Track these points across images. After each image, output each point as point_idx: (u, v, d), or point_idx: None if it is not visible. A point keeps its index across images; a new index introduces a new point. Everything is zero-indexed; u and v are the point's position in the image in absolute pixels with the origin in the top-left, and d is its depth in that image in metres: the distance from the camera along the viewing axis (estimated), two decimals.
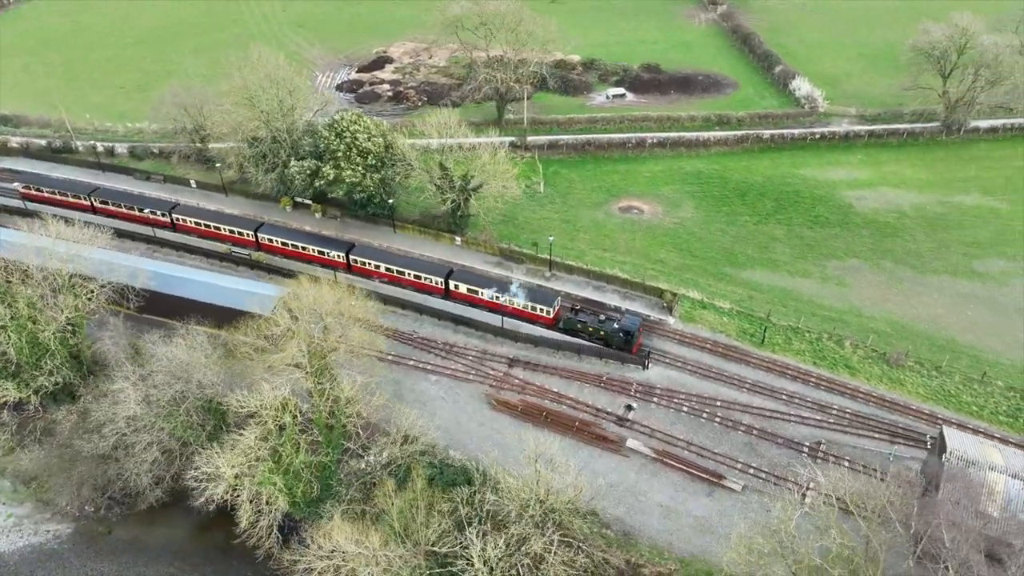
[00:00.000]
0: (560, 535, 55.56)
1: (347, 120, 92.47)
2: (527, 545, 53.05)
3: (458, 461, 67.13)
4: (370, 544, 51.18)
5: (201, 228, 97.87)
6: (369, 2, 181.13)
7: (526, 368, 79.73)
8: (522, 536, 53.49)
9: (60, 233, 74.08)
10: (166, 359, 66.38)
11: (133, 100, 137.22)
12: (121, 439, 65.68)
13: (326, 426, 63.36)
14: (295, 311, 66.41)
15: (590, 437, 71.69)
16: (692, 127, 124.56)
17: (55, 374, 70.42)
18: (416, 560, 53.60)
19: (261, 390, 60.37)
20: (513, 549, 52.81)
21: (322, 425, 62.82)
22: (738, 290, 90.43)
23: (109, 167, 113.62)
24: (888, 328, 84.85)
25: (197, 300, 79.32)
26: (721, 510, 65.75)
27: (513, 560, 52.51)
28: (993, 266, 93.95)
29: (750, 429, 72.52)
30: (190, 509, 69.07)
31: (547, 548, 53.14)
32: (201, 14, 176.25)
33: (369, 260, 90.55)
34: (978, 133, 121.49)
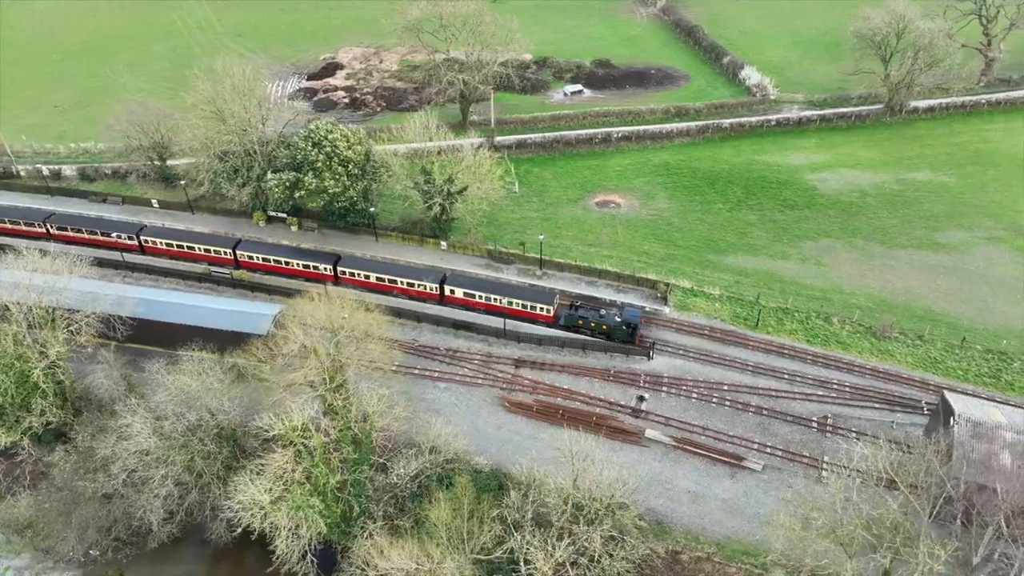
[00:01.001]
0: (606, 531, 55.86)
1: (324, 129, 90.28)
2: (584, 544, 53.10)
3: (486, 467, 66.57)
4: (430, 558, 50.25)
5: (173, 249, 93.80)
6: (305, 10, 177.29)
7: (533, 368, 79.78)
8: (577, 535, 53.51)
9: (36, 264, 69.50)
10: (174, 388, 63.36)
11: (72, 119, 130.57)
12: (130, 475, 62.35)
13: (354, 442, 61.80)
14: (306, 328, 64.39)
15: (609, 431, 72.31)
16: (653, 120, 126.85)
17: (46, 414, 66.18)
18: (469, 570, 52.97)
19: (287, 411, 58.34)
20: (576, 550, 52.75)
21: (348, 441, 61.22)
22: (724, 276, 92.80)
23: (58, 191, 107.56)
24: (869, 303, 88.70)
25: (189, 324, 76.10)
26: (746, 490, 67.47)
27: (570, 560, 52.51)
28: (953, 237, 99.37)
29: (760, 410, 74.64)
30: (204, 543, 66.93)
31: (604, 546, 53.36)
32: (129, 26, 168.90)
33: (358, 271, 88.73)
34: (917, 113, 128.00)
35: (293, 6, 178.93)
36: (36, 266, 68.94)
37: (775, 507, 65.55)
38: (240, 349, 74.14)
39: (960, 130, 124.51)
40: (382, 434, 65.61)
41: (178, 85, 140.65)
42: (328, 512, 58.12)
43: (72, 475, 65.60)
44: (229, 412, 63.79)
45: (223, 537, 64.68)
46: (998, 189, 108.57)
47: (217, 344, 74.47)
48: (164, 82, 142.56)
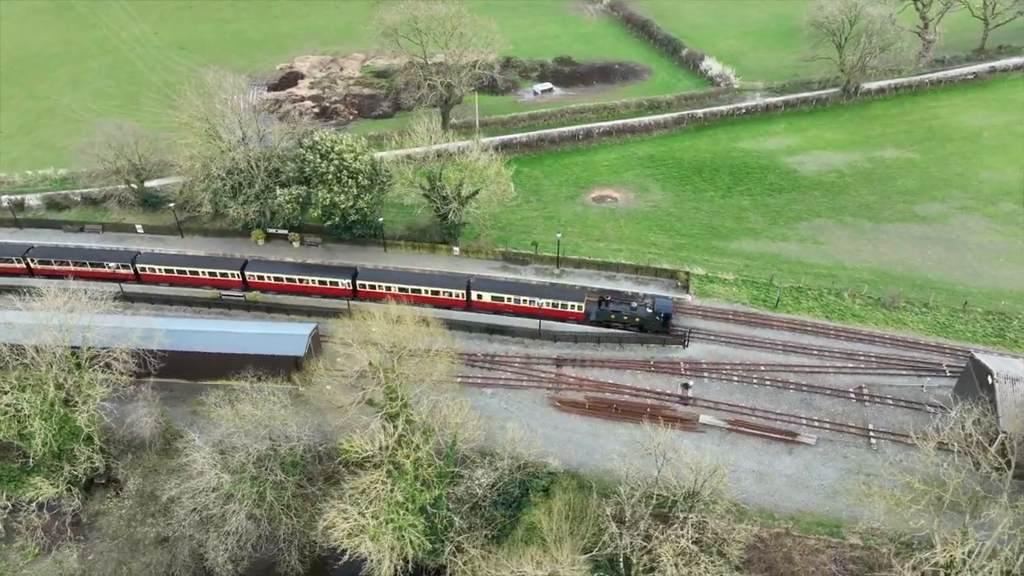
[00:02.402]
0: (700, 520, 56.86)
1: (330, 140, 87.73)
2: (699, 534, 53.91)
3: (559, 468, 66.40)
4: (556, 561, 49.89)
5: (174, 275, 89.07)
6: (249, 19, 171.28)
7: (575, 365, 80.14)
8: (688, 525, 54.29)
9: (59, 303, 64.55)
10: (238, 419, 60.31)
11: (20, 144, 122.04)
12: (200, 516, 59.02)
13: (441, 455, 60.46)
14: (366, 345, 62.55)
15: (664, 420, 73.31)
16: (628, 114, 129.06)
17: (91, 460, 61.75)
18: (582, 570, 52.91)
19: (371, 431, 56.58)
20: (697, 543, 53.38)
21: (430, 456, 59.86)
22: (733, 261, 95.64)
23: (27, 223, 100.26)
24: (872, 276, 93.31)
25: (224, 353, 72.51)
26: (806, 464, 69.96)
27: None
28: (931, 209, 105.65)
29: (799, 386, 77.46)
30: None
31: (716, 534, 54.37)
32: (57, 43, 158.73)
33: (379, 283, 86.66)
34: (871, 95, 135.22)
35: (234, 15, 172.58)
36: (58, 305, 64.00)
37: (837, 478, 68.57)
38: (280, 373, 71.37)
39: (911, 109, 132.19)
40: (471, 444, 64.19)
41: (128, 103, 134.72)
42: (425, 531, 56.73)
43: (127, 522, 61.40)
44: (297, 439, 61.17)
45: (294, 569, 62.33)
46: (958, 162, 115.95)
47: (254, 370, 71.42)
48: (112, 100, 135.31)
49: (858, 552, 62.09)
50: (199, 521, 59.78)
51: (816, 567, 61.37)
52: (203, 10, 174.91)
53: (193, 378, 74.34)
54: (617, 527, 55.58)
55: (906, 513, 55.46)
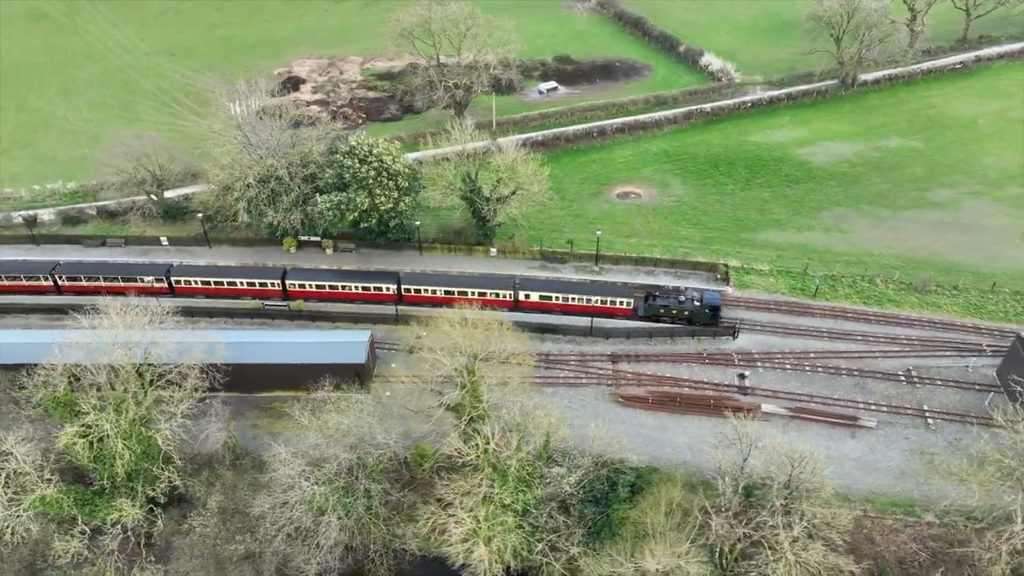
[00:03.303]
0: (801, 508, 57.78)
1: (367, 144, 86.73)
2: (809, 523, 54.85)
3: (641, 464, 66.73)
4: (682, 555, 50.31)
5: (211, 287, 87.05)
6: (237, 24, 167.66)
7: (630, 361, 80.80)
8: (795, 514, 55.25)
9: (123, 320, 62.57)
10: (325, 429, 59.27)
11: (20, 159, 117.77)
12: (295, 530, 57.89)
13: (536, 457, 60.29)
14: (448, 351, 62.08)
15: (727, 411, 74.41)
16: (636, 110, 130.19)
17: (171, 479, 60.06)
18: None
19: (468, 436, 56.24)
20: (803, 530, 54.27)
21: (524, 459, 59.69)
22: (765, 252, 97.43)
23: (44, 239, 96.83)
24: (899, 262, 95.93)
25: (286, 363, 71.24)
26: (871, 447, 71.74)
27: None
28: (942, 195, 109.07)
29: (850, 371, 79.34)
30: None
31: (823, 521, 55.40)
32: (39, 52, 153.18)
33: (424, 286, 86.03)
34: (867, 86, 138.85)
35: (222, 20, 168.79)
36: (127, 321, 62.04)
37: (902, 459, 70.53)
38: (340, 381, 70.11)
39: (906, 99, 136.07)
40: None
41: (126, 112, 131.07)
42: (529, 532, 56.62)
43: (212, 540, 59.88)
44: (384, 446, 60.39)
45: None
46: (960, 149, 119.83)
47: (315, 379, 70.34)
48: (109, 110, 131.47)
49: (935, 530, 63.96)
50: (288, 535, 58.56)
51: (897, 546, 63.05)
52: (188, 15, 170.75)
53: (251, 390, 72.91)
54: (719, 518, 56.13)
55: (997, 489, 57.23)
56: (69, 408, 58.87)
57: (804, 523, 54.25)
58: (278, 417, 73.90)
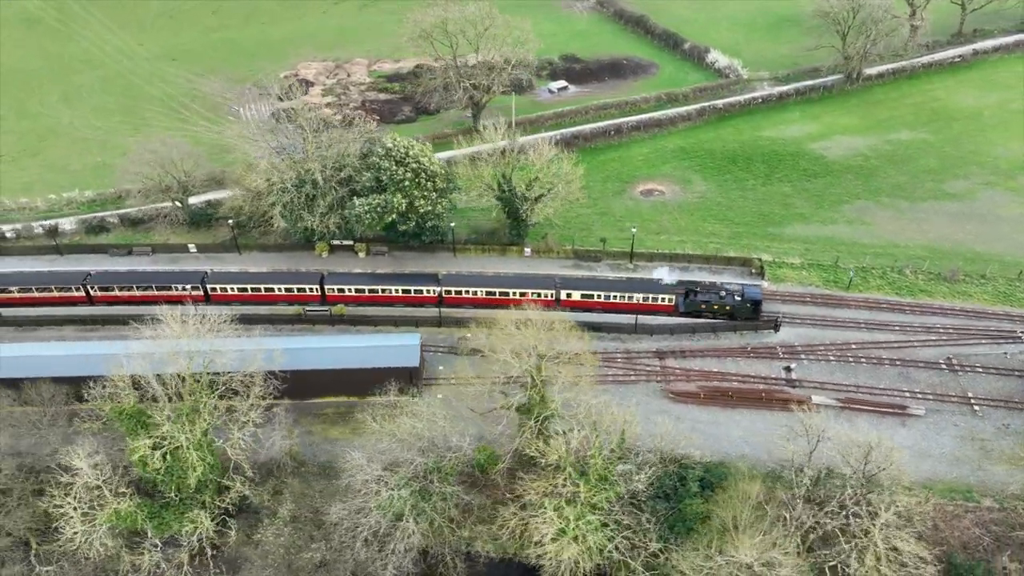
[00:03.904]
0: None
1: (403, 145, 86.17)
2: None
3: (704, 459, 67.08)
4: (776, 545, 50.76)
5: (247, 294, 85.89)
6: (235, 27, 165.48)
7: (676, 357, 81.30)
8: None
9: (187, 329, 61.41)
10: (399, 433, 58.77)
11: (30, 168, 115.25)
12: (361, 535, 57.31)
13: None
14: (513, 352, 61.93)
15: (779, 404, 75.32)
16: (648, 108, 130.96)
17: (242, 489, 59.12)
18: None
19: (552, 436, 56.19)
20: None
21: (601, 459, 59.69)
22: (793, 246, 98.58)
23: (68, 248, 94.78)
24: (924, 252, 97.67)
25: (342, 368, 70.62)
26: (922, 435, 72.94)
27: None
28: (957, 186, 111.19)
29: (892, 361, 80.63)
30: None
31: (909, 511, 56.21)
32: (35, 59, 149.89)
33: (465, 288, 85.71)
34: (871, 80, 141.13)
35: (219, 23, 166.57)
36: (189, 331, 60.93)
37: (954, 445, 71.85)
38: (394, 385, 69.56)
39: (910, 92, 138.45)
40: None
41: (133, 117, 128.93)
42: (614, 531, 56.70)
43: (285, 548, 59.06)
44: (459, 448, 60.07)
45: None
46: (969, 140, 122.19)
47: (368, 384, 69.88)
48: (114, 116, 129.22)
49: (995, 514, 65.26)
50: (363, 541, 57.97)
51: (960, 531, 64.21)
52: (184, 19, 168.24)
53: (303, 397, 72.07)
54: (804, 508, 56.74)
55: None
56: (137, 420, 57.69)
57: (890, 512, 54.97)
58: (332, 423, 73.38)
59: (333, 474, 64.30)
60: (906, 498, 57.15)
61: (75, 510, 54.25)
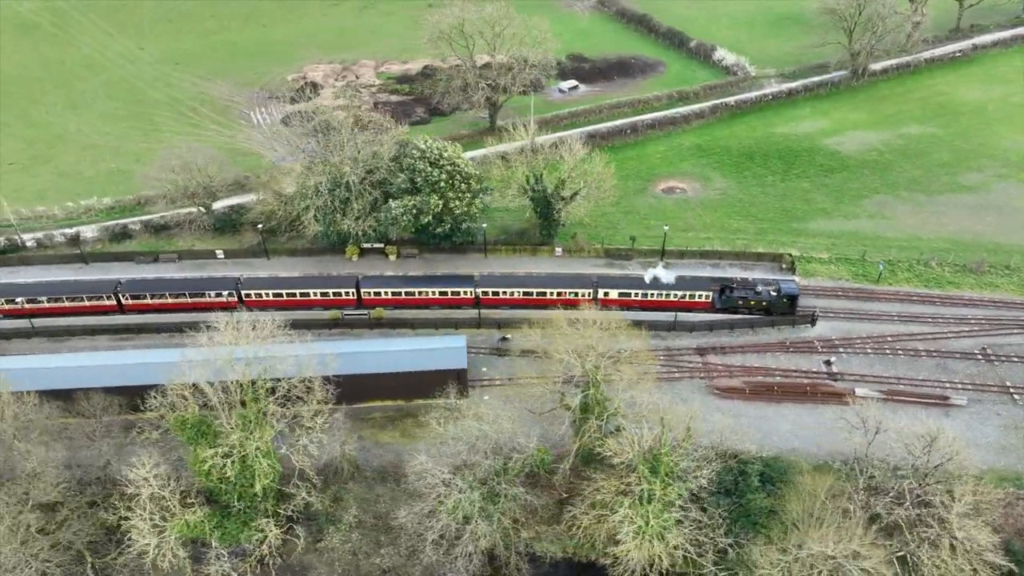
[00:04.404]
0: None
1: (438, 147, 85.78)
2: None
3: (763, 453, 67.35)
4: (857, 537, 51.21)
5: (282, 299, 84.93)
6: (235, 29, 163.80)
7: (717, 353, 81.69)
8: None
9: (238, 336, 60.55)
10: (463, 436, 58.42)
11: (42, 175, 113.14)
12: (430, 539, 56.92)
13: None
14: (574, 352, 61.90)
15: (824, 397, 76.00)
16: (661, 106, 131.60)
17: (307, 497, 58.43)
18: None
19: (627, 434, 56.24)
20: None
21: (668, 455, 59.69)
22: (819, 240, 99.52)
23: (93, 257, 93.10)
24: (947, 244, 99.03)
25: (395, 372, 70.12)
26: (967, 425, 73.81)
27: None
28: (972, 179, 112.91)
29: (929, 352, 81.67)
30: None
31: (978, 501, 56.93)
32: (35, 65, 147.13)
33: (503, 289, 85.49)
34: (875, 76, 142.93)
35: (219, 26, 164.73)
36: (247, 337, 60.10)
37: (999, 434, 72.91)
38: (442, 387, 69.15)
39: (914, 87, 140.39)
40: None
41: (142, 123, 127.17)
42: (692, 527, 56.84)
43: (352, 554, 58.44)
44: (525, 448, 59.85)
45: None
46: (977, 134, 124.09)
47: (417, 387, 69.50)
48: (123, 122, 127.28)
49: None
50: (432, 545, 57.57)
51: (1015, 518, 65.16)
52: (183, 22, 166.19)
53: (353, 401, 71.34)
54: (878, 500, 57.31)
55: None
56: (198, 429, 56.76)
57: (963, 502, 55.68)
58: (381, 428, 72.85)
59: (392, 478, 63.89)
60: (979, 487, 57.82)
61: (146, 521, 53.19)
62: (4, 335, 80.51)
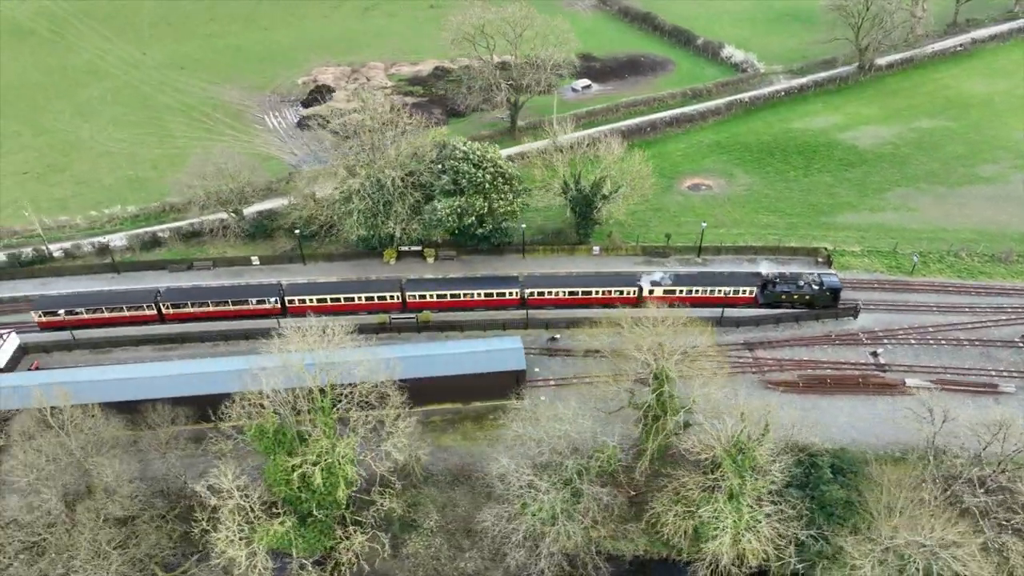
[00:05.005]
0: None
1: (480, 149, 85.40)
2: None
3: (828, 445, 67.86)
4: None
5: (326, 304, 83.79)
6: (237, 33, 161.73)
7: (765, 347, 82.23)
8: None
9: (307, 342, 59.72)
10: (544, 438, 58.14)
11: (61, 185, 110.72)
12: (513, 540, 56.61)
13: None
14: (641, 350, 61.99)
15: (876, 388, 76.88)
16: (675, 104, 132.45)
17: (390, 503, 57.71)
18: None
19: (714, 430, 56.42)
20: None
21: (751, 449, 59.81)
22: (849, 234, 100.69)
23: (125, 266, 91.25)
24: (973, 235, 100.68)
25: (460, 374, 69.69)
26: (1019, 412, 74.79)
27: None
28: (989, 170, 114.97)
29: (971, 342, 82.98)
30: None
31: None
32: (36, 72, 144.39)
33: (548, 289, 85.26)
34: (882, 71, 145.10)
35: (221, 30, 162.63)
36: (309, 344, 59.32)
37: None
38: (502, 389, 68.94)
39: (920, 81, 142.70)
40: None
41: (156, 129, 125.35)
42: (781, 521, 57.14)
43: (434, 559, 57.85)
44: (606, 447, 59.72)
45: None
46: (988, 126, 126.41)
47: (479, 389, 69.15)
48: (136, 128, 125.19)
49: None
50: (516, 546, 57.21)
51: None
52: (182, 27, 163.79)
53: (414, 405, 70.42)
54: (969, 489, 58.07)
55: None
56: (274, 439, 55.76)
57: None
58: (441, 431, 72.33)
59: (465, 481, 63.38)
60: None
61: (235, 533, 52.11)
62: (44, 347, 78.56)
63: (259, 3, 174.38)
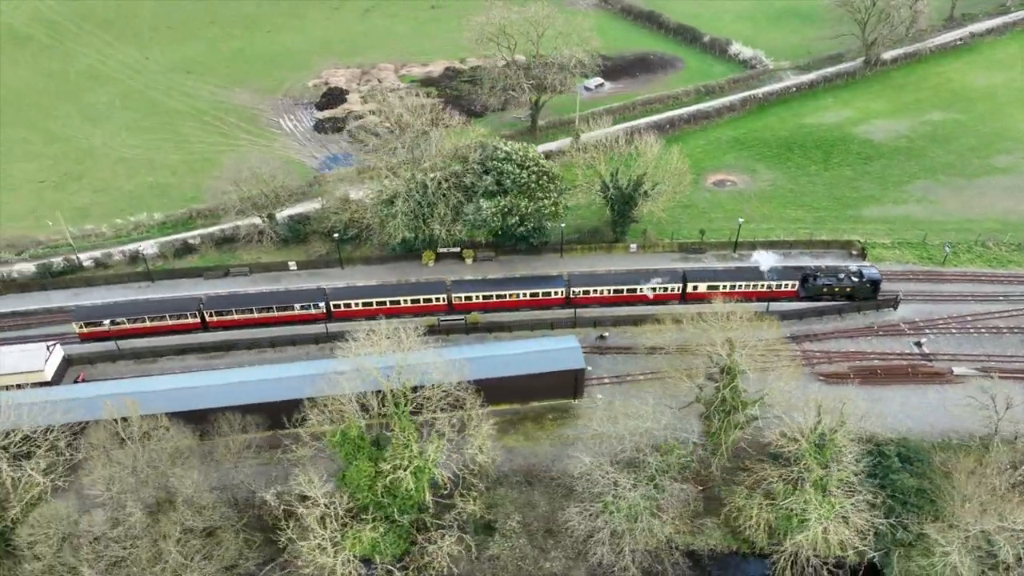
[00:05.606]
0: None
1: (523, 149, 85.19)
2: None
3: (889, 436, 68.59)
4: None
5: (373, 308, 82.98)
6: (240, 36, 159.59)
7: (811, 340, 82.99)
8: None
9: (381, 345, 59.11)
10: (626, 435, 58.10)
11: (80, 193, 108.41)
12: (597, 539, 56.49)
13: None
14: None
15: (925, 377, 77.97)
16: (689, 101, 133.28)
17: (472, 506, 57.26)
18: None
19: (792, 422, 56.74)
20: None
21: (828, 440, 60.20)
22: (876, 226, 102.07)
23: (159, 275, 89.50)
24: (997, 225, 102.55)
25: (517, 375, 69.23)
26: None
27: None
28: (1003, 161, 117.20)
29: (1010, 330, 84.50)
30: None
31: None
32: (37, 78, 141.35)
33: (592, 287, 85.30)
34: (886, 65, 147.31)
35: (224, 34, 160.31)
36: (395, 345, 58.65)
37: None
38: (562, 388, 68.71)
39: (925, 75, 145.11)
40: None
41: (170, 134, 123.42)
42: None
43: (518, 560, 57.50)
44: (686, 442, 59.88)
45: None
46: (996, 118, 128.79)
47: (539, 389, 68.97)
48: (149, 133, 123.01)
49: None
50: (601, 544, 57.08)
51: None
52: (184, 30, 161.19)
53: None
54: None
55: None
56: (355, 444, 54.96)
57: None
58: (503, 432, 71.74)
59: (539, 481, 63.11)
60: None
61: (326, 540, 51.23)
62: (88, 359, 76.79)
63: (259, 5, 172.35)
